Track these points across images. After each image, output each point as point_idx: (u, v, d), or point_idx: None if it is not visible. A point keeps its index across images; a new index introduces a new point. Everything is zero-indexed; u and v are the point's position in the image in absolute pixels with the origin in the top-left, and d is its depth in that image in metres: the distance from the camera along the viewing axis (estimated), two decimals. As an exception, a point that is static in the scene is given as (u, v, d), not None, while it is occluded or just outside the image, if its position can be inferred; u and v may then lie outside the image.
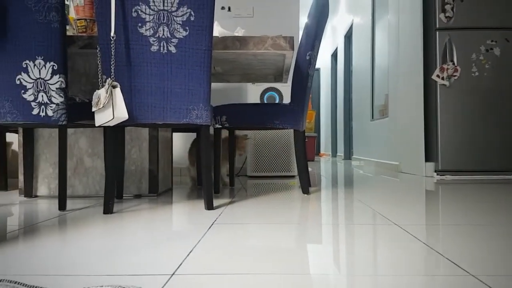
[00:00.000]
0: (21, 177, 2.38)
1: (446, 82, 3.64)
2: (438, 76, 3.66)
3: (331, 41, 9.89)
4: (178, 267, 1.01)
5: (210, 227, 1.49)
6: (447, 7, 3.65)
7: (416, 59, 3.97)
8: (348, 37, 7.98)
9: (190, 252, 1.15)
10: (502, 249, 1.16)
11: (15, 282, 0.81)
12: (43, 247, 1.21)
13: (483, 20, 3.65)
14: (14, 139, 3.77)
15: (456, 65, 3.64)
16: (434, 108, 3.73)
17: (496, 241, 1.26)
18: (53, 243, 1.27)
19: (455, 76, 3.64)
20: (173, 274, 0.95)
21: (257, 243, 1.25)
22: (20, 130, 2.37)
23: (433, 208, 1.93)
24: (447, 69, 3.63)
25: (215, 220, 1.62)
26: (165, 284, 0.88)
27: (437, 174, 3.69)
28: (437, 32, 3.68)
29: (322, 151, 11.06)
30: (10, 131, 2.95)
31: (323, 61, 10.87)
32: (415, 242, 1.25)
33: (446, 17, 3.66)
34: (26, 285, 0.80)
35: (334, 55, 9.49)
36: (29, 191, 2.35)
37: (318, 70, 11.30)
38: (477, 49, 3.64)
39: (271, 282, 0.90)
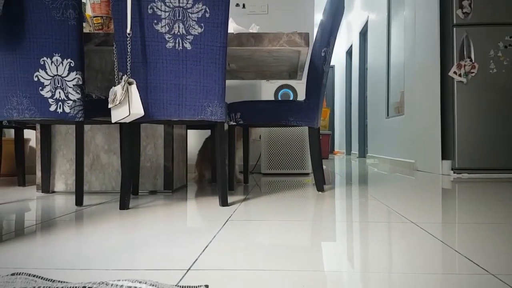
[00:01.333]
0: (38, 173, 2.41)
1: (463, 79, 3.59)
2: (455, 73, 3.61)
3: (346, 38, 9.82)
4: (194, 262, 1.01)
5: (225, 224, 1.49)
6: (465, 3, 3.60)
7: (433, 56, 3.92)
8: (363, 34, 7.92)
9: (205, 247, 1.15)
10: (521, 248, 1.14)
11: (34, 276, 0.82)
12: (60, 242, 1.23)
13: (501, 16, 3.58)
14: (32, 136, 3.83)
15: (473, 61, 3.58)
16: (451, 105, 3.68)
17: (515, 240, 1.24)
18: (70, 238, 1.28)
19: (472, 73, 3.58)
20: (189, 269, 0.96)
21: (272, 239, 1.25)
22: (38, 126, 2.40)
23: (450, 207, 1.90)
24: (465, 65, 3.58)
25: (230, 217, 1.63)
26: (181, 279, 0.88)
27: (454, 172, 3.64)
28: (454, 28, 3.63)
29: (336, 149, 11.00)
30: (28, 128, 2.99)
31: (338, 58, 10.80)
32: (431, 240, 1.23)
33: (463, 13, 3.60)
34: (44, 278, 0.81)
35: (349, 52, 9.42)
36: (46, 187, 2.38)
37: (332, 67, 11.24)
38: (495, 46, 3.58)
39: (285, 278, 0.89)
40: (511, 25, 3.57)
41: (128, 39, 1.77)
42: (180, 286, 0.79)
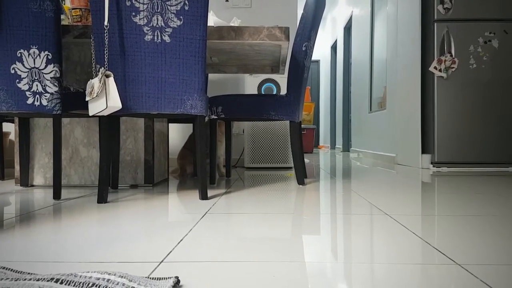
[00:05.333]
0: (17, 167, 2.39)
1: (443, 74, 3.63)
2: (435, 68, 3.65)
3: (331, 32, 9.85)
4: (167, 255, 1.01)
5: (203, 217, 1.50)
6: (446, -2, 3.64)
7: (414, 51, 3.96)
8: (348, 29, 7.95)
9: (180, 240, 1.15)
10: (491, 239, 1.17)
11: (3, 268, 0.82)
12: (36, 235, 1.22)
13: (481, 12, 3.63)
14: (12, 129, 3.77)
15: (454, 57, 3.63)
16: (431, 100, 3.72)
17: (486, 231, 1.27)
18: (45, 231, 1.27)
19: (452, 68, 3.63)
20: (161, 261, 0.96)
21: (248, 231, 1.26)
22: (16, 119, 2.37)
23: (427, 200, 1.94)
24: (445, 61, 3.63)
25: (209, 210, 1.63)
26: (152, 272, 0.89)
27: (433, 166, 3.70)
28: (435, 24, 3.67)
29: (321, 143, 11.06)
30: (7, 121, 2.95)
31: (323, 53, 10.83)
32: (406, 233, 1.26)
33: (444, 8, 3.64)
34: (13, 270, 0.81)
35: (334, 47, 9.46)
36: (25, 181, 2.36)
37: (317, 62, 11.27)
38: (475, 41, 3.63)
39: (261, 270, 0.90)
40: (491, 21, 3.63)
41: (105, 31, 1.75)
42: (151, 278, 0.79)
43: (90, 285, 0.71)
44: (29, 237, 1.20)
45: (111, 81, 1.70)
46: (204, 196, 1.91)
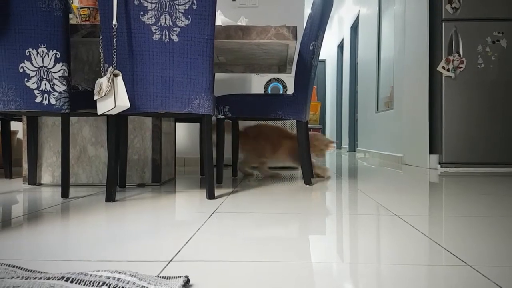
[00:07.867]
0: (25, 165, 2.40)
1: (451, 74, 3.61)
2: (443, 67, 3.63)
3: (337, 32, 9.82)
4: (176, 254, 1.01)
5: (210, 216, 1.49)
6: (454, -3, 3.61)
7: (422, 51, 3.94)
8: (354, 28, 7.93)
9: (189, 239, 1.15)
10: (500, 240, 1.16)
11: (14, 266, 0.82)
12: (45, 233, 1.23)
13: (489, 11, 3.61)
14: (19, 128, 3.79)
15: (461, 56, 3.61)
16: (439, 100, 3.70)
17: (495, 232, 1.26)
18: (54, 230, 1.28)
19: (460, 68, 3.61)
20: (170, 260, 0.96)
21: (256, 231, 1.26)
22: (24, 118, 2.38)
23: (436, 200, 1.92)
24: (453, 60, 3.60)
25: (216, 209, 1.63)
26: (162, 270, 0.89)
27: (441, 166, 3.68)
28: (443, 23, 3.64)
29: (327, 143, 11.01)
30: (15, 120, 2.97)
31: (329, 52, 10.81)
32: (414, 233, 1.25)
33: (452, 8, 3.62)
34: (23, 268, 0.81)
35: (340, 46, 9.43)
36: (33, 179, 2.37)
37: (324, 61, 11.24)
38: (483, 41, 3.60)
39: (268, 269, 0.90)
40: (499, 21, 3.60)
41: (114, 30, 1.76)
42: (161, 277, 0.79)
43: (100, 284, 0.71)
44: (38, 235, 1.21)
45: (119, 80, 1.70)
46: (211, 196, 1.91)
